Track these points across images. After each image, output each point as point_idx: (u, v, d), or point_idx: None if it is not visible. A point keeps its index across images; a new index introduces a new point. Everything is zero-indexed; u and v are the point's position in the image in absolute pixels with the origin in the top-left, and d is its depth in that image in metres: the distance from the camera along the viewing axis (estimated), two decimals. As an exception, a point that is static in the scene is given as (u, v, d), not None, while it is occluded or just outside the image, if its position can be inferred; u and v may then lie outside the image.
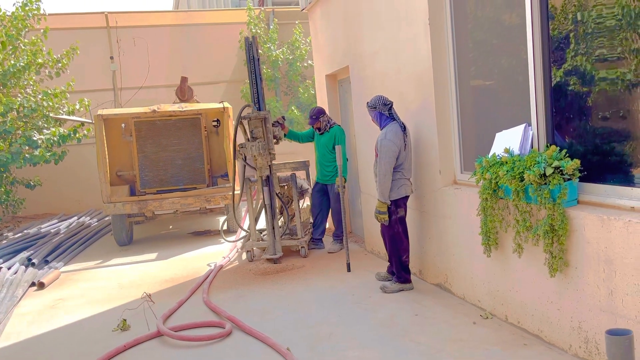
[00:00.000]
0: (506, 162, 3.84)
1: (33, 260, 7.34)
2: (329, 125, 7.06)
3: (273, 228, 6.69)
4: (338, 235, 7.19)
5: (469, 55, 4.74)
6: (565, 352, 3.56)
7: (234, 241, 7.81)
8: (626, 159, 3.29)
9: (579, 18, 3.48)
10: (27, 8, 10.21)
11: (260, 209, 7.42)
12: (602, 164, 3.45)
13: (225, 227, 8.28)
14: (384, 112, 5.09)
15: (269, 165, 6.61)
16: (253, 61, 6.60)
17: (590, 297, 3.30)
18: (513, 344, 3.78)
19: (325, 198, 7.27)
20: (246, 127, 6.67)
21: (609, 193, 3.34)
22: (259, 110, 6.59)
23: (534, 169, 3.50)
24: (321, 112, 7.09)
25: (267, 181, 6.67)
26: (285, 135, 7.18)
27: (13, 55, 10.02)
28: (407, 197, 5.12)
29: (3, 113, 8.89)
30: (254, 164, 6.64)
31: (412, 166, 5.32)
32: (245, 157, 6.68)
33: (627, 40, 3.17)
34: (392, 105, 5.12)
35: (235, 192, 7.73)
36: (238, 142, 6.64)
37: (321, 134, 7.11)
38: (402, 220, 5.12)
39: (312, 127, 7.18)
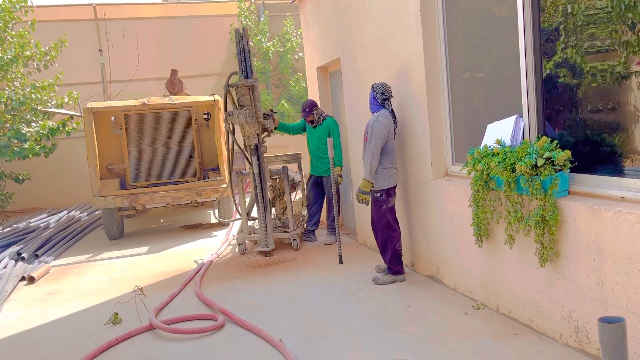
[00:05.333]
0: (498, 154, 3.85)
1: (23, 255, 7.28)
2: (321, 117, 7.04)
3: (265, 220, 6.69)
4: (333, 227, 7.19)
5: (460, 47, 4.75)
6: (555, 342, 3.59)
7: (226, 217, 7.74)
8: (616, 149, 3.32)
9: (569, 10, 3.49)
10: (14, 0, 10.08)
11: (252, 202, 7.40)
12: (593, 155, 3.48)
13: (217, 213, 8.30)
14: (377, 98, 5.11)
15: (257, 134, 6.54)
16: (243, 52, 6.55)
17: (581, 287, 3.33)
18: (504, 334, 3.81)
19: (320, 190, 7.28)
20: (234, 95, 6.57)
21: (599, 183, 3.37)
22: (247, 78, 6.49)
23: (525, 160, 3.52)
24: (314, 104, 7.06)
25: (256, 150, 6.60)
26: (275, 127, 7.15)
27: (0, 48, 9.89)
28: (396, 186, 5.20)
29: (-10, 106, 8.82)
30: (241, 132, 6.54)
31: (401, 158, 5.39)
32: (232, 128, 6.59)
33: (617, 33, 3.18)
34: (389, 98, 5.12)
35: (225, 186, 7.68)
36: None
37: (314, 127, 7.09)
38: (393, 209, 5.18)
39: (305, 120, 7.15)
